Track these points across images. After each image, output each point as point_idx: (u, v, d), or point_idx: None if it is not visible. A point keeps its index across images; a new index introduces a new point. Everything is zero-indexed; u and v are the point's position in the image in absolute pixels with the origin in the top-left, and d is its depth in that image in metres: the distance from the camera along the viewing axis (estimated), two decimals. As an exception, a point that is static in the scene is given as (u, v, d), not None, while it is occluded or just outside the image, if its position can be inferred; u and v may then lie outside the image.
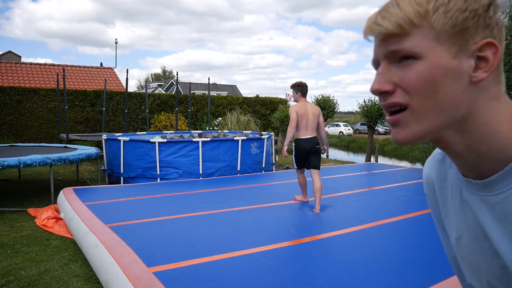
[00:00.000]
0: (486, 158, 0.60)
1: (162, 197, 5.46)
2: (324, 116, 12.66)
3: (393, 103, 0.59)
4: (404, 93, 0.58)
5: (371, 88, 0.61)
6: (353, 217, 4.32)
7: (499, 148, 0.58)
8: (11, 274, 3.22)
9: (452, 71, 0.57)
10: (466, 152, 0.61)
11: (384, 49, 0.60)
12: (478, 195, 0.64)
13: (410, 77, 0.57)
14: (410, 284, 2.59)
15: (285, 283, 2.59)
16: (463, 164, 0.64)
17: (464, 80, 0.57)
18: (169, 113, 14.91)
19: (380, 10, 0.61)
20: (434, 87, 0.57)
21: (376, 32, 0.60)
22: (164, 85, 47.10)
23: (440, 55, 0.56)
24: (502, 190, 0.59)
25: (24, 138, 13.33)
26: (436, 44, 0.57)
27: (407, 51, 0.57)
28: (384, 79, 0.60)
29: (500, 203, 0.60)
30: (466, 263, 0.73)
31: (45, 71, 18.90)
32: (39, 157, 5.44)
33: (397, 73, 0.59)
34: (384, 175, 7.66)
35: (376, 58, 0.62)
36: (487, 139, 0.59)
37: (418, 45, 0.57)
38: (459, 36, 0.57)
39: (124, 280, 2.57)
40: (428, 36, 0.57)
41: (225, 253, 3.17)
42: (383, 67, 0.60)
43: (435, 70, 0.56)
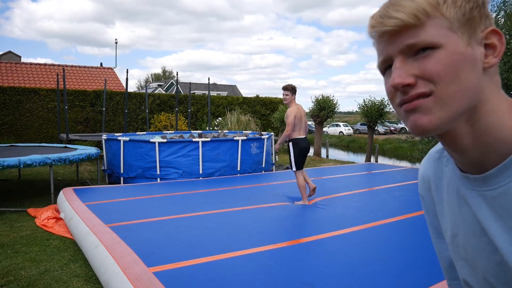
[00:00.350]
0: (491, 150, 0.60)
1: (162, 197, 5.45)
2: (324, 116, 12.66)
3: (418, 94, 0.58)
4: (427, 83, 0.58)
5: (393, 83, 0.59)
6: (353, 217, 4.32)
7: (503, 139, 0.59)
8: (11, 274, 3.22)
9: (469, 58, 0.58)
10: (473, 145, 0.61)
11: (400, 44, 0.59)
12: (476, 190, 0.64)
13: (432, 65, 0.57)
14: (410, 284, 2.59)
15: (285, 283, 2.59)
16: (466, 159, 0.64)
17: (478, 66, 0.59)
18: (169, 113, 14.92)
19: (388, 6, 0.60)
20: (457, 73, 0.57)
21: (392, 25, 0.59)
22: (164, 85, 47.11)
23: (457, 42, 0.58)
24: (500, 184, 0.60)
25: (24, 138, 13.33)
26: (451, 32, 0.58)
27: (425, 42, 0.58)
28: (404, 72, 0.59)
29: (499, 197, 0.61)
30: (463, 260, 0.73)
31: (45, 71, 18.90)
32: (39, 157, 5.44)
33: (416, 65, 0.59)
34: (384, 175, 7.66)
35: (387, 57, 0.62)
36: (494, 129, 0.59)
37: (435, 34, 0.57)
38: (468, 24, 0.59)
39: (124, 280, 2.57)
40: (443, 25, 0.58)
41: (225, 253, 3.17)
42: (400, 62, 0.60)
43: (455, 57, 0.57)
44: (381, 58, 0.63)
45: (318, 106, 12.55)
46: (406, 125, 0.62)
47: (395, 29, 0.59)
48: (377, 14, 0.62)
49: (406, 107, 0.60)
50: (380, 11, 0.61)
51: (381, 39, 0.62)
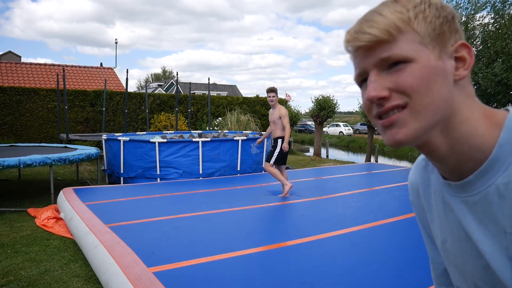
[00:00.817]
0: (467, 158, 0.63)
1: (162, 197, 5.45)
2: (324, 116, 12.65)
3: (393, 106, 0.60)
4: (401, 95, 0.60)
5: (368, 96, 0.61)
6: (353, 217, 4.32)
7: (478, 146, 0.62)
8: (11, 274, 3.22)
9: (440, 71, 0.60)
10: (449, 154, 0.63)
11: (374, 58, 0.61)
12: (458, 196, 0.67)
13: (406, 79, 0.59)
14: (410, 284, 2.59)
15: (285, 283, 2.59)
16: (445, 167, 0.66)
17: (449, 79, 0.61)
18: (169, 113, 14.91)
19: (362, 21, 0.62)
20: (429, 86, 0.59)
21: (366, 40, 0.61)
22: (164, 85, 47.11)
23: (428, 56, 0.60)
24: (479, 189, 0.63)
25: (24, 138, 13.33)
26: (422, 47, 0.60)
27: (398, 56, 0.60)
28: (379, 85, 0.61)
29: (479, 202, 0.63)
30: (453, 266, 0.74)
31: (45, 71, 18.90)
32: (39, 157, 5.44)
33: (389, 78, 0.61)
34: (384, 175, 7.66)
35: (363, 70, 0.64)
36: (468, 137, 0.62)
37: (407, 49, 0.59)
38: (438, 39, 0.61)
39: (124, 280, 2.57)
40: (414, 40, 0.60)
41: (225, 253, 3.17)
42: (375, 75, 0.62)
43: (427, 70, 0.59)
44: (357, 71, 0.65)
45: (318, 106, 12.55)
46: (384, 138, 0.64)
47: (369, 44, 0.61)
48: (352, 30, 0.63)
49: (383, 123, 0.62)
50: (355, 27, 0.63)
51: (357, 53, 0.64)
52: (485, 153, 0.61)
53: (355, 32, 0.62)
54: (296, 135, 26.33)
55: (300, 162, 11.44)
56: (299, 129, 34.52)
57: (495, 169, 0.61)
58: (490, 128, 0.62)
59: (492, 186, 0.61)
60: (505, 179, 0.60)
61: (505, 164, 0.60)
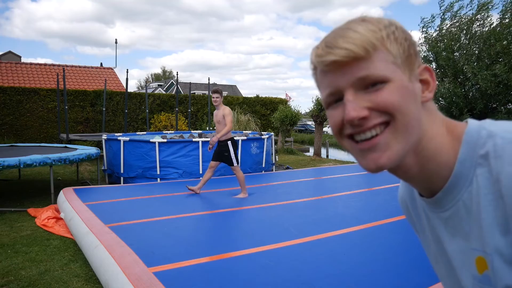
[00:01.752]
0: (435, 175, 0.63)
1: (162, 197, 5.46)
2: (325, 116, 12.65)
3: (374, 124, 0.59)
4: (381, 114, 0.59)
5: (348, 117, 0.58)
6: (353, 217, 4.32)
7: (445, 163, 0.62)
8: (11, 274, 3.22)
9: (412, 92, 0.60)
10: (420, 173, 0.64)
11: (351, 76, 0.59)
12: (434, 212, 0.68)
13: (385, 97, 0.58)
14: (410, 284, 2.59)
15: (285, 283, 2.59)
16: (418, 186, 0.67)
17: (418, 100, 0.61)
18: (169, 113, 14.92)
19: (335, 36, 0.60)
20: (406, 105, 0.59)
21: (342, 55, 0.58)
22: (164, 85, 47.10)
23: (402, 77, 0.60)
24: (449, 205, 0.64)
25: (24, 138, 13.33)
26: (396, 67, 0.60)
27: (377, 75, 0.58)
28: (358, 105, 0.59)
29: (450, 218, 0.64)
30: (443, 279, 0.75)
31: (45, 71, 18.91)
32: (39, 157, 5.44)
33: (367, 98, 0.59)
34: (384, 175, 7.59)
35: (336, 90, 0.61)
36: (435, 154, 0.62)
37: (384, 68, 0.59)
38: (407, 61, 0.61)
39: (124, 280, 2.57)
40: (388, 60, 0.59)
41: (225, 253, 3.17)
42: (352, 95, 0.59)
43: (404, 90, 0.59)
44: (329, 90, 0.62)
45: (318, 106, 12.55)
46: (360, 162, 0.62)
47: (345, 60, 0.58)
48: (322, 45, 0.61)
49: (362, 146, 0.60)
50: (327, 42, 0.60)
51: (328, 70, 0.60)
52: (451, 169, 0.62)
53: (328, 46, 0.59)
54: (296, 135, 26.34)
55: (300, 162, 11.44)
56: (299, 129, 34.53)
57: (459, 185, 0.61)
58: (452, 143, 0.62)
59: (460, 201, 0.62)
60: (469, 195, 0.60)
61: (468, 180, 0.60)
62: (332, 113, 0.63)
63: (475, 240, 0.60)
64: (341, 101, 0.61)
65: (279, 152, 13.06)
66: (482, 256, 0.59)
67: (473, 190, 0.60)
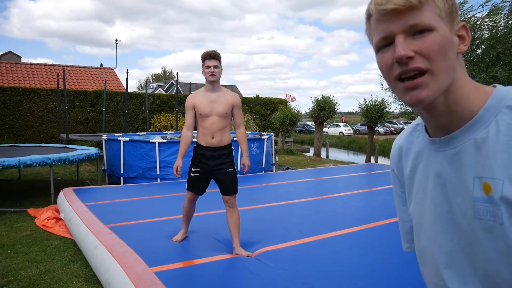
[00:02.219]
0: (458, 116, 0.75)
1: (162, 198, 5.45)
2: (324, 116, 12.64)
3: (415, 68, 0.70)
4: (423, 59, 0.70)
5: (398, 54, 0.69)
6: (353, 217, 4.32)
7: (468, 107, 0.74)
8: (11, 274, 3.22)
9: (451, 42, 0.72)
10: (444, 112, 0.75)
11: (404, 23, 0.70)
12: (440, 151, 0.79)
13: (429, 44, 0.69)
14: (410, 284, 2.59)
15: (285, 283, 2.59)
16: (437, 123, 0.78)
17: (455, 50, 0.73)
18: (169, 114, 14.92)
19: None
20: (445, 53, 0.71)
21: (401, 4, 0.69)
22: (164, 86, 47.10)
23: (445, 28, 0.71)
24: (460, 143, 0.75)
25: (24, 138, 13.33)
26: (441, 19, 0.71)
27: (425, 24, 0.69)
28: (407, 46, 0.70)
29: (458, 154, 0.76)
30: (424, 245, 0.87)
31: (45, 71, 18.91)
32: (39, 157, 5.44)
33: (414, 43, 0.70)
34: (384, 176, 7.65)
35: (389, 34, 0.72)
36: (461, 100, 0.74)
37: (431, 18, 0.70)
38: (450, 16, 0.72)
39: (126, 280, 2.57)
40: (435, 12, 0.70)
41: (225, 253, 3.17)
42: (403, 38, 0.70)
43: (445, 40, 0.71)
44: (382, 35, 0.73)
45: (318, 106, 12.54)
46: (403, 98, 0.73)
47: (402, 8, 0.69)
48: None
49: (408, 85, 0.71)
50: None
51: (385, 17, 0.72)
52: (472, 114, 0.74)
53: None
54: (296, 136, 26.33)
55: (300, 163, 11.44)
56: (299, 129, 34.53)
57: (476, 127, 0.73)
58: (479, 96, 0.74)
59: (471, 139, 0.74)
60: (484, 135, 0.72)
61: (486, 123, 0.72)
62: (383, 56, 0.74)
63: (483, 170, 0.71)
64: (391, 45, 0.72)
65: (279, 153, 13.06)
66: (488, 182, 0.70)
67: (491, 131, 0.71)
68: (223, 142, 3.33)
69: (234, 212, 3.30)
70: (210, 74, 3.20)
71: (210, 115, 3.26)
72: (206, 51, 3.26)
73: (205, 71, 3.23)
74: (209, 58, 3.22)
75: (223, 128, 3.33)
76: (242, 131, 3.46)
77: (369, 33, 0.78)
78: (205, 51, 3.27)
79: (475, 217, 0.73)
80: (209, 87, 3.30)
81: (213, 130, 3.28)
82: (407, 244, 1.04)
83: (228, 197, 3.29)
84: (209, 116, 3.26)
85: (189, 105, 3.32)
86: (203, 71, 3.26)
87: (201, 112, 3.27)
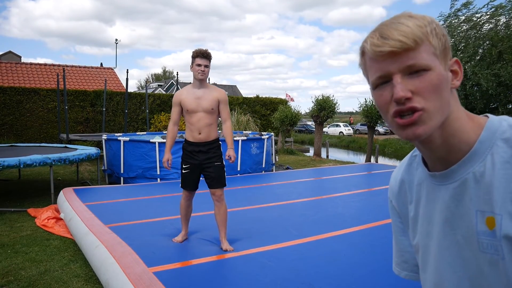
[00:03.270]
0: (455, 149, 0.76)
1: (162, 198, 5.46)
2: (324, 116, 12.63)
3: (411, 107, 0.72)
4: (420, 98, 0.72)
5: (397, 96, 0.71)
6: (353, 217, 4.32)
7: (465, 140, 0.76)
8: (11, 274, 3.22)
9: (446, 80, 0.74)
10: (442, 145, 0.77)
11: (401, 63, 0.72)
12: (442, 185, 0.80)
13: (425, 85, 0.72)
14: (410, 284, 2.59)
15: (285, 283, 2.59)
16: (436, 157, 0.79)
17: (449, 86, 0.75)
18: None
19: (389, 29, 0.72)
20: (441, 91, 0.73)
21: (397, 46, 0.71)
22: (164, 85, 47.09)
23: (440, 66, 0.73)
24: (460, 176, 0.76)
25: (24, 138, 13.33)
26: (436, 58, 0.73)
27: (422, 64, 0.71)
28: (405, 87, 0.72)
29: (458, 187, 0.77)
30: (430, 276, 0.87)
31: (45, 71, 18.91)
32: (39, 157, 5.44)
33: (412, 82, 0.72)
34: (384, 176, 7.65)
35: (386, 73, 0.74)
36: (458, 132, 0.76)
37: (427, 58, 0.72)
38: (444, 53, 0.74)
39: (125, 280, 2.57)
40: (430, 51, 0.72)
41: (225, 253, 3.17)
42: (400, 78, 0.72)
43: (441, 78, 0.73)
44: (379, 74, 0.75)
45: (318, 106, 12.54)
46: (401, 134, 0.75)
47: (399, 51, 0.71)
48: (377, 35, 0.73)
49: (405, 122, 0.73)
50: (381, 33, 0.73)
51: (382, 58, 0.73)
52: (469, 146, 0.75)
53: (383, 38, 0.72)
54: (296, 135, 26.33)
55: (300, 163, 11.44)
56: (299, 129, 34.53)
57: (474, 160, 0.75)
58: (474, 127, 0.76)
59: (470, 173, 0.75)
60: (481, 168, 0.73)
61: (483, 156, 0.74)
62: (381, 94, 0.76)
63: (484, 204, 0.73)
64: (388, 83, 0.74)
65: (279, 153, 13.05)
66: (492, 216, 0.71)
67: (487, 164, 0.73)
68: (211, 137, 3.39)
69: (221, 207, 3.39)
70: (200, 72, 3.27)
71: (197, 111, 3.33)
72: (199, 49, 3.32)
73: (195, 69, 3.29)
74: (201, 57, 3.28)
75: (210, 124, 3.37)
76: (228, 125, 3.49)
77: (364, 68, 0.80)
78: (197, 49, 3.32)
79: (480, 250, 0.74)
80: (196, 84, 3.37)
81: (200, 126, 3.34)
82: (405, 272, 1.05)
83: (215, 190, 3.39)
84: (196, 112, 3.33)
85: (176, 101, 3.42)
86: (193, 68, 3.31)
87: (187, 108, 3.33)
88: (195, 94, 3.34)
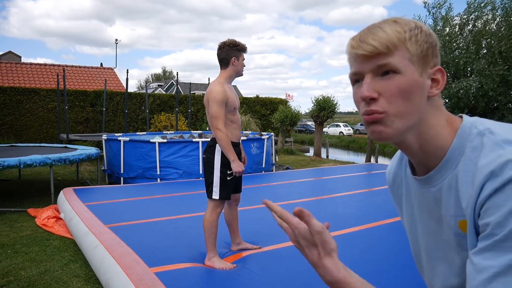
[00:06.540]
0: (432, 155, 0.79)
1: (162, 198, 5.45)
2: (325, 116, 12.63)
3: (373, 110, 0.75)
4: (384, 101, 0.74)
5: (362, 95, 0.75)
6: (353, 217, 4.32)
7: (440, 147, 0.78)
8: (11, 274, 3.22)
9: (420, 86, 0.75)
10: (419, 151, 0.79)
11: (372, 64, 0.75)
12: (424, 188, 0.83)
13: (391, 88, 0.74)
14: (410, 284, 2.59)
15: (285, 283, 2.59)
16: (416, 161, 0.82)
17: (424, 94, 0.76)
18: (169, 114, 14.92)
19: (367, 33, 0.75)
20: (408, 96, 0.74)
21: (368, 50, 0.74)
22: (164, 85, 47.11)
23: (413, 72, 0.74)
24: (437, 182, 0.80)
25: (24, 138, 13.34)
26: (410, 63, 0.74)
27: (391, 66, 0.73)
28: (372, 87, 0.75)
29: (437, 192, 0.80)
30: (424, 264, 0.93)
31: (45, 71, 18.91)
32: (39, 157, 5.44)
33: (380, 83, 0.75)
34: (384, 176, 7.64)
35: (359, 72, 0.77)
36: (433, 140, 0.78)
37: (399, 62, 0.73)
38: (423, 60, 0.75)
39: (126, 280, 2.57)
40: (405, 56, 0.74)
41: (225, 254, 3.17)
42: (369, 78, 0.75)
43: (410, 83, 0.74)
44: (353, 70, 0.79)
45: (318, 106, 12.54)
46: (368, 131, 0.78)
47: (369, 55, 0.74)
48: (357, 38, 0.77)
49: (368, 119, 0.76)
50: (361, 35, 0.76)
51: (358, 58, 0.77)
52: (444, 153, 0.78)
53: (360, 41, 0.75)
54: (296, 136, 26.33)
55: (300, 163, 11.44)
56: (299, 129, 34.54)
57: (447, 167, 0.77)
58: (450, 133, 0.78)
59: (446, 180, 0.78)
60: (454, 175, 0.76)
61: (455, 164, 0.76)
62: (356, 91, 0.79)
63: (455, 209, 0.76)
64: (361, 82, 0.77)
65: (279, 153, 13.05)
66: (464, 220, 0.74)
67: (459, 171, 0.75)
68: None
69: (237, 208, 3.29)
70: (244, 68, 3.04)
71: (237, 108, 3.06)
72: (244, 43, 3.02)
73: (241, 64, 3.01)
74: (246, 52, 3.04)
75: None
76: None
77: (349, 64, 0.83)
78: (242, 43, 3.01)
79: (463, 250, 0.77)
80: (230, 80, 3.05)
81: (240, 124, 3.07)
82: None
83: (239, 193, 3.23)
84: (237, 110, 3.05)
85: (225, 98, 2.89)
86: (239, 63, 3.00)
87: (235, 105, 2.98)
88: (232, 90, 3.00)
